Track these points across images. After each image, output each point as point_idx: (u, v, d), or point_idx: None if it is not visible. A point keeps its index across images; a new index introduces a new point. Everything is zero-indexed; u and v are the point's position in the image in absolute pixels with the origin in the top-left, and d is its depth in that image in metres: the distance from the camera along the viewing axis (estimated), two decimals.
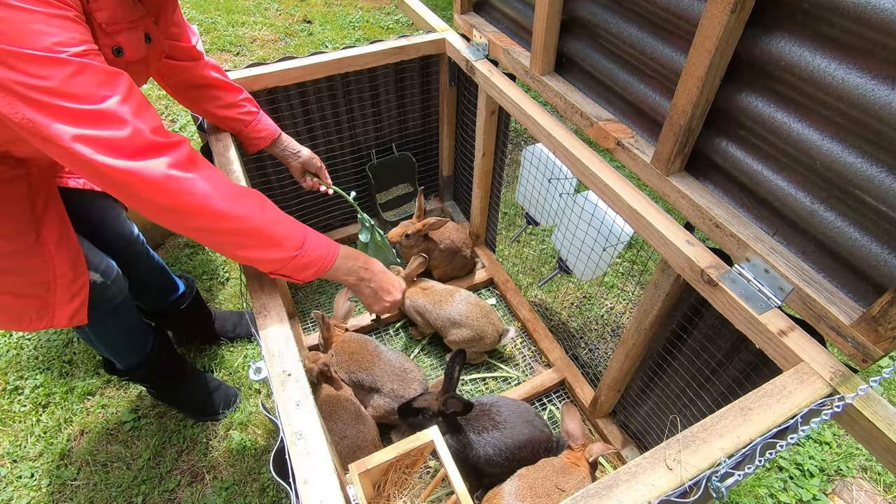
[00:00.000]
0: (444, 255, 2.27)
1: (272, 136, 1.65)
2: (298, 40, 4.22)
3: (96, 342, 1.59)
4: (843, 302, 0.99)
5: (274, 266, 1.08)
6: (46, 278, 1.25)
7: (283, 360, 1.00)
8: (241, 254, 1.05)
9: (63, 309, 1.31)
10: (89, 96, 0.84)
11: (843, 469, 1.89)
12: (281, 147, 1.70)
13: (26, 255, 1.21)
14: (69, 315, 1.32)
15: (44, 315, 1.29)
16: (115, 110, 0.86)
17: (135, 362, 1.70)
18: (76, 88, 0.82)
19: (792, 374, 0.98)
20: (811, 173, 1.00)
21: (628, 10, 1.30)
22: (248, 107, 1.59)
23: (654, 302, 1.38)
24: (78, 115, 0.83)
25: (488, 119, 1.98)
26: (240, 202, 1.00)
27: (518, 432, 1.59)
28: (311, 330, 2.24)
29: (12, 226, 1.19)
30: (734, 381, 1.31)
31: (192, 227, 0.98)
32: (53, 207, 1.30)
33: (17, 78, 0.79)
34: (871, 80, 0.85)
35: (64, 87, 0.81)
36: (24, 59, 0.78)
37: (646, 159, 1.31)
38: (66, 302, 1.30)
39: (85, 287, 1.34)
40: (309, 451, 0.87)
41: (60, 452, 1.87)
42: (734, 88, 1.09)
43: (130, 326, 1.64)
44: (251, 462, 1.85)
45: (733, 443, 0.87)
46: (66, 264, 1.28)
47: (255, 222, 1.01)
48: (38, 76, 0.80)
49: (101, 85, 0.85)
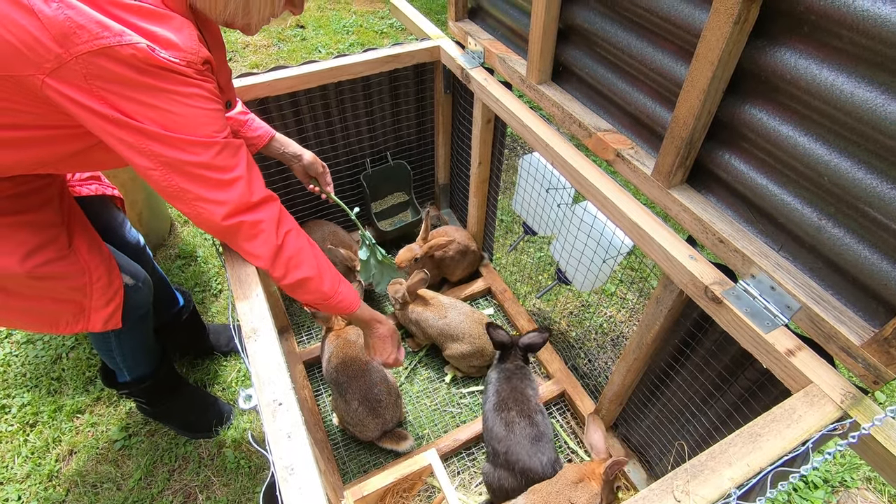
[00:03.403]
0: (456, 259, 2.26)
1: (267, 135, 1.63)
2: (291, 45, 4.18)
3: (116, 350, 1.58)
4: (853, 321, 0.96)
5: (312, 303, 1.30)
6: (83, 283, 1.28)
7: (275, 389, 0.96)
8: (293, 293, 1.25)
9: (99, 312, 1.34)
10: (226, 167, 1.05)
11: (848, 480, 1.86)
12: (279, 149, 1.67)
13: (62, 261, 1.24)
14: (104, 319, 1.35)
15: (80, 319, 1.32)
16: (241, 175, 1.08)
17: (143, 374, 1.69)
18: (219, 161, 1.03)
19: (801, 397, 0.95)
20: (818, 188, 0.97)
21: (627, 18, 1.27)
22: (240, 107, 1.58)
23: (656, 317, 1.34)
24: (216, 182, 1.04)
25: (484, 127, 1.95)
26: (308, 255, 1.22)
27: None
28: (306, 343, 2.20)
29: (47, 234, 1.23)
30: (739, 398, 1.27)
31: (265, 268, 1.18)
32: (77, 215, 1.35)
33: (183, 157, 0.99)
34: (881, 95, 0.82)
35: (212, 161, 1.02)
36: (191, 144, 0.99)
37: (646, 171, 1.27)
38: (102, 306, 1.34)
39: (120, 291, 1.38)
40: (301, 486, 0.83)
41: (48, 473, 1.82)
42: (737, 100, 1.05)
43: (149, 336, 1.67)
44: (245, 481, 1.81)
45: (743, 472, 0.84)
46: (101, 268, 1.32)
47: (315, 270, 1.23)
48: (196, 154, 1.00)
49: (233, 156, 1.06)
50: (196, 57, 0.97)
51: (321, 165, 1.75)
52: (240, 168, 1.08)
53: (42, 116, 0.98)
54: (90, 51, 0.85)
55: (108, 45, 0.85)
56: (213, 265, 2.53)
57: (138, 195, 2.33)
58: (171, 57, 0.92)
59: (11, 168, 1.11)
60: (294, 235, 1.20)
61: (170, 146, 0.97)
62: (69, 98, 0.89)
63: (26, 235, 1.18)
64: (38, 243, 1.19)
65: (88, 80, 0.87)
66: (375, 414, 1.75)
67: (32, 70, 0.86)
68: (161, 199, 2.58)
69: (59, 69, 0.86)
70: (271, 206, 1.15)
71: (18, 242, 1.16)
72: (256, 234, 1.12)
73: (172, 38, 0.94)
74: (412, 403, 2.01)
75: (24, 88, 0.90)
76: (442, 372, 2.10)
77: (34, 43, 0.84)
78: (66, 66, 0.86)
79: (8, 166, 1.09)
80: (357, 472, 1.82)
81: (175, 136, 0.97)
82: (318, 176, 1.76)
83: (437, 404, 2.01)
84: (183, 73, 0.95)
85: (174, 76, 0.94)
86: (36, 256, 1.18)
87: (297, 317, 2.31)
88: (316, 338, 2.23)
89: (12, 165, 1.09)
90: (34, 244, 1.19)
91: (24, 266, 1.16)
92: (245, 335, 1.06)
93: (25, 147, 1.04)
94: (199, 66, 0.99)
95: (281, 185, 2.19)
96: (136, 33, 0.89)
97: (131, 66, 0.88)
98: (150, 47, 0.89)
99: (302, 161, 1.71)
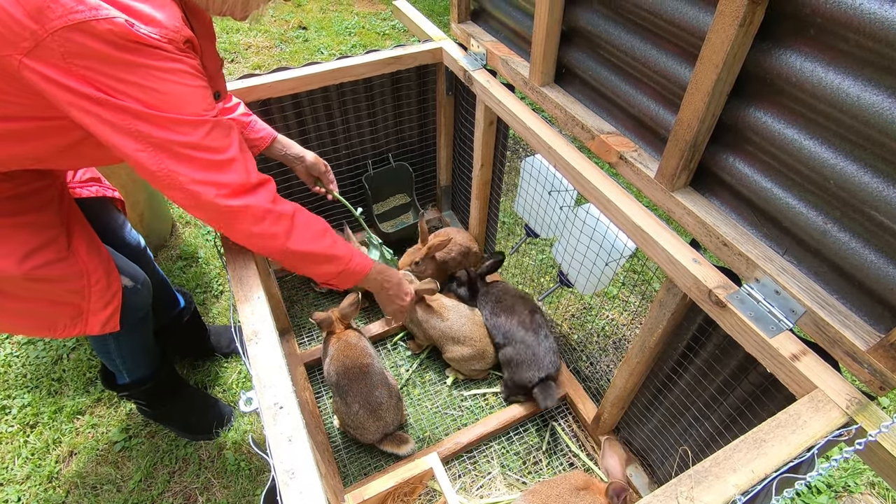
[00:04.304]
0: (458, 260, 2.25)
1: (270, 136, 1.63)
2: (294, 47, 4.18)
3: (116, 352, 1.57)
4: (859, 326, 0.95)
5: (327, 277, 1.28)
6: (81, 286, 1.27)
7: (276, 392, 0.95)
8: (307, 269, 1.25)
9: (97, 315, 1.32)
10: (218, 147, 1.01)
11: (852, 485, 1.85)
12: (282, 151, 1.68)
13: (61, 263, 1.23)
14: (102, 321, 1.33)
15: (77, 322, 1.31)
16: (234, 156, 1.05)
17: (143, 376, 1.68)
18: (210, 142, 1.00)
19: (806, 402, 0.94)
20: (823, 192, 0.97)
21: (631, 21, 1.26)
22: (243, 109, 1.58)
23: (658, 321, 1.34)
24: (208, 163, 1.01)
25: (487, 129, 1.95)
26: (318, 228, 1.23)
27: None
28: (307, 345, 2.19)
29: (47, 235, 1.22)
30: (742, 403, 1.26)
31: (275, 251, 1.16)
32: (77, 216, 1.34)
33: (171, 137, 0.95)
34: (888, 98, 0.82)
35: (203, 142, 0.99)
36: (179, 123, 0.96)
37: (650, 174, 1.27)
38: (100, 308, 1.32)
39: (118, 293, 1.36)
40: (302, 490, 0.83)
41: (48, 475, 1.81)
42: (742, 103, 1.05)
43: (149, 338, 1.65)
44: (245, 483, 1.80)
45: (748, 478, 0.83)
46: (99, 270, 1.30)
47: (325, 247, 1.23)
48: (185, 134, 0.97)
49: (225, 136, 1.03)
50: (178, 35, 0.94)
51: (323, 165, 1.75)
52: (233, 149, 1.05)
53: (30, 107, 0.96)
54: (65, 26, 0.82)
55: (84, 20, 0.83)
56: (214, 266, 2.53)
57: (139, 196, 2.33)
58: (150, 32, 0.89)
59: (6, 163, 1.10)
60: (299, 209, 1.20)
61: (157, 126, 0.94)
62: (49, 79, 0.87)
63: (26, 237, 1.17)
64: (37, 245, 1.18)
65: (67, 59, 0.85)
66: (376, 417, 1.74)
67: (10, 50, 0.84)
68: (163, 200, 2.57)
69: (36, 48, 0.84)
70: (271, 187, 1.15)
71: (18, 244, 1.16)
72: (264, 215, 1.10)
73: (153, 14, 0.91)
74: (413, 406, 2.01)
75: (5, 73, 0.88)
76: (443, 374, 2.10)
77: (8, 19, 0.82)
78: (43, 45, 0.83)
79: (2, 161, 1.08)
80: (358, 475, 1.81)
81: (161, 114, 0.94)
82: (321, 176, 1.76)
83: (438, 407, 2.00)
84: (163, 48, 0.92)
85: (154, 51, 0.90)
86: (34, 258, 1.17)
87: (298, 318, 2.30)
88: (317, 339, 2.22)
89: (7, 160, 1.08)
90: (33, 245, 1.18)
91: (21, 268, 1.15)
92: (246, 338, 1.05)
93: (17, 140, 1.03)
94: (181, 44, 0.95)
95: (282, 186, 2.18)
96: (113, 7, 0.86)
97: (109, 42, 0.86)
98: (128, 22, 0.86)
99: (304, 162, 1.71)
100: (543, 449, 1.87)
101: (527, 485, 1.77)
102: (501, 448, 1.88)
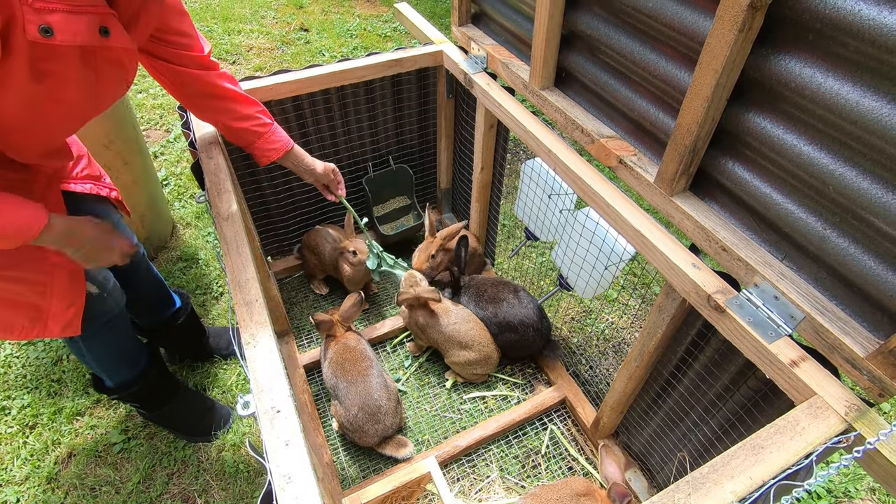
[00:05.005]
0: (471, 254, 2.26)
1: (284, 148, 1.62)
2: (295, 48, 4.19)
3: (87, 356, 1.55)
4: (858, 332, 0.95)
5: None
6: (42, 288, 1.22)
7: (273, 396, 0.95)
8: None
9: (56, 319, 1.28)
10: None
11: (852, 490, 1.84)
12: (294, 162, 1.68)
13: (26, 264, 1.19)
14: (62, 325, 1.30)
15: (36, 324, 1.26)
16: None
17: (125, 380, 1.66)
18: None
19: (805, 409, 0.94)
20: (823, 198, 0.96)
21: (631, 25, 1.26)
22: (263, 118, 1.56)
23: (658, 326, 1.33)
24: None
25: (487, 132, 1.95)
26: None
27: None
28: (307, 347, 2.19)
29: None
30: (741, 408, 1.26)
31: None
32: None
33: None
34: (887, 104, 0.81)
35: None
36: None
37: (649, 178, 1.27)
38: (60, 311, 1.28)
39: (81, 298, 1.31)
40: (298, 495, 0.83)
41: (47, 476, 1.81)
42: (741, 108, 1.05)
43: (124, 342, 1.61)
44: (243, 485, 1.80)
45: (745, 485, 0.83)
46: (63, 273, 1.25)
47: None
48: None
49: None
50: None
51: (332, 172, 1.76)
52: None
53: None
54: None
55: None
56: (214, 268, 2.53)
57: (140, 197, 2.33)
58: None
59: None
60: None
61: None
62: None
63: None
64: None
65: None
66: (375, 420, 1.74)
67: None
68: (164, 202, 2.58)
69: None
70: None
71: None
72: None
73: None
74: (412, 409, 2.00)
75: None
76: (442, 377, 2.09)
77: None
78: None
79: None
80: (356, 478, 1.81)
81: None
82: (331, 184, 1.79)
83: (437, 410, 2.00)
84: None
85: None
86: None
87: (298, 320, 2.30)
88: (317, 341, 2.22)
89: None
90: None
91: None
92: (244, 341, 1.05)
93: None
94: None
95: (283, 187, 2.19)
96: None
97: None
98: None
99: (315, 174, 1.73)
100: (542, 452, 1.87)
101: (525, 488, 1.77)
102: (500, 451, 1.88)
